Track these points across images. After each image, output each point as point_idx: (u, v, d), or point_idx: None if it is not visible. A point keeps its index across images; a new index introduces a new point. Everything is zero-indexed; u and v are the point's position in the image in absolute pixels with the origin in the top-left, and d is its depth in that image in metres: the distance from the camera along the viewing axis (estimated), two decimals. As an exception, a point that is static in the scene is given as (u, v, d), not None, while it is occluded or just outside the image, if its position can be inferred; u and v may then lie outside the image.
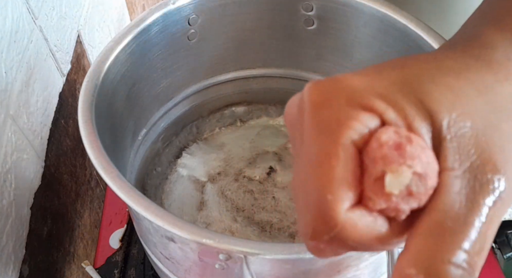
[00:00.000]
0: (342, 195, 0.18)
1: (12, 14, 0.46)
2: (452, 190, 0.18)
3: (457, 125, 0.18)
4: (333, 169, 0.18)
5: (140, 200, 0.33)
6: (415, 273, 0.17)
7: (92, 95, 0.40)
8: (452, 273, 0.17)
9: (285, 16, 0.55)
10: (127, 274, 0.56)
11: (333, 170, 0.18)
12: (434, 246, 0.17)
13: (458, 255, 0.17)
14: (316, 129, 0.19)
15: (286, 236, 0.55)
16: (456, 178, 0.18)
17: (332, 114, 0.19)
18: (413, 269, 0.17)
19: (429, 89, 0.19)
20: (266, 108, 0.66)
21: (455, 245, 0.17)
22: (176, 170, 0.62)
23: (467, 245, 0.17)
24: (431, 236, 0.17)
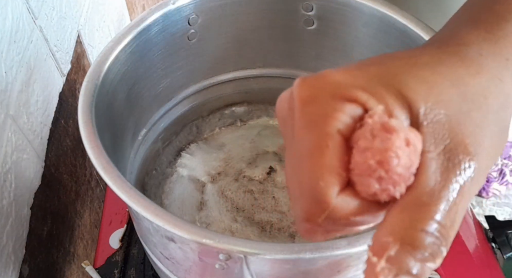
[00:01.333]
0: (332, 181, 0.20)
1: (12, 14, 0.46)
2: (429, 170, 0.20)
3: (432, 113, 0.20)
4: (323, 158, 0.20)
5: (140, 200, 0.33)
6: (392, 241, 0.19)
7: (92, 95, 0.40)
8: (425, 240, 0.19)
9: (285, 16, 0.55)
10: (127, 274, 0.56)
11: (323, 159, 0.20)
12: (409, 217, 0.19)
13: (431, 225, 0.19)
14: (305, 123, 0.21)
15: (286, 236, 0.55)
16: (431, 159, 0.20)
17: (319, 108, 0.21)
18: (390, 237, 0.19)
19: (406, 82, 0.21)
20: (266, 108, 0.66)
21: (428, 216, 0.19)
22: (176, 170, 0.62)
23: (439, 217, 0.19)
24: (407, 209, 0.19)
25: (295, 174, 0.21)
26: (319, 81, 0.21)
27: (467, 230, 0.59)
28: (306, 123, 0.21)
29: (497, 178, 1.29)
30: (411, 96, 0.20)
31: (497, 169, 1.30)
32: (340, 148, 0.20)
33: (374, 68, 0.22)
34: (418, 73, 0.21)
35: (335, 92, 0.21)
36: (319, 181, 0.20)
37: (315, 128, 0.20)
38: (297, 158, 0.21)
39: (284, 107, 0.23)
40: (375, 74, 0.21)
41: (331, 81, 0.21)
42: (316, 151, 0.20)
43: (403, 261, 0.19)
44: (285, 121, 0.23)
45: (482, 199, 1.29)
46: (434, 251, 0.19)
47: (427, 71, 0.21)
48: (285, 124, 0.23)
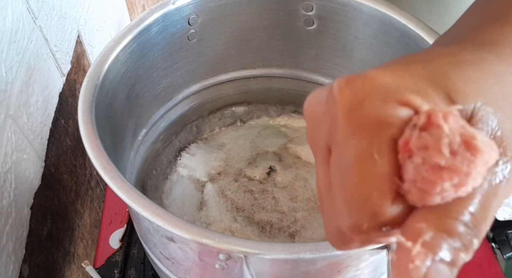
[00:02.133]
0: (387, 190, 0.19)
1: (12, 14, 0.46)
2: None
3: (481, 113, 0.20)
4: (377, 166, 0.19)
5: (140, 200, 0.33)
6: (425, 226, 0.18)
7: (92, 95, 0.40)
8: (459, 228, 0.18)
9: (285, 16, 0.55)
10: (127, 274, 0.56)
11: (377, 167, 0.19)
12: (444, 207, 0.19)
13: (465, 215, 0.19)
14: (354, 129, 0.20)
15: (286, 236, 0.55)
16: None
17: (369, 113, 0.19)
18: (423, 223, 0.18)
19: (455, 82, 0.20)
20: (266, 108, 0.66)
21: (462, 207, 0.19)
22: (176, 170, 0.62)
23: (473, 208, 0.19)
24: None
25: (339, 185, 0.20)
26: (365, 84, 0.20)
27: (467, 230, 0.59)
28: (355, 129, 0.19)
29: (497, 178, 1.29)
30: (461, 98, 0.20)
31: (497, 169, 1.30)
32: (394, 155, 0.19)
33: (421, 67, 0.21)
34: (464, 72, 0.21)
35: (386, 96, 0.19)
36: (373, 191, 0.19)
37: (367, 135, 0.19)
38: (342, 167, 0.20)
39: (316, 110, 0.22)
40: (422, 76, 0.20)
41: (379, 84, 0.20)
42: (368, 159, 0.19)
43: (438, 247, 0.18)
44: (318, 126, 0.22)
45: (482, 199, 1.29)
46: (467, 241, 0.19)
47: (473, 70, 0.21)
48: (317, 130, 0.22)
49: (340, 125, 0.20)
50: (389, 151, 0.19)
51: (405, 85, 0.20)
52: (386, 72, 0.20)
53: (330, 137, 0.21)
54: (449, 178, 0.18)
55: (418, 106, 0.19)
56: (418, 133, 0.18)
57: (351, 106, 0.20)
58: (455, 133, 0.18)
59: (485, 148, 0.18)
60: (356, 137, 0.19)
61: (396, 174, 0.19)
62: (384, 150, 0.19)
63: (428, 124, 0.18)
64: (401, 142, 0.19)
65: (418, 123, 0.18)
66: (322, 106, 0.22)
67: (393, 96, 0.19)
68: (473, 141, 0.18)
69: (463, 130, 0.18)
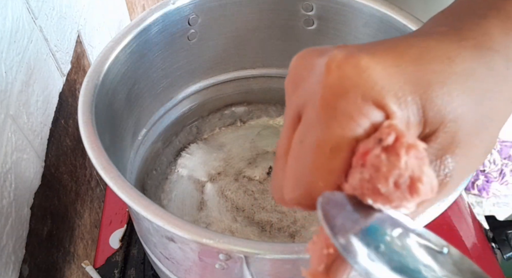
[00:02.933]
0: (331, 184, 0.20)
1: (12, 14, 0.46)
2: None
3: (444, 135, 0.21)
4: (332, 161, 0.20)
5: (140, 200, 0.33)
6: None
7: (92, 95, 0.40)
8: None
9: (285, 16, 0.55)
10: (127, 274, 0.56)
11: (332, 162, 0.20)
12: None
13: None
14: (327, 116, 0.20)
15: (286, 236, 0.55)
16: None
17: (346, 107, 0.20)
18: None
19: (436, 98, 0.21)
20: (266, 108, 0.66)
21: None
22: (176, 170, 0.62)
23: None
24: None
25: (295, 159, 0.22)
26: (355, 74, 0.20)
27: (467, 230, 0.59)
28: (328, 116, 0.20)
29: (497, 178, 1.29)
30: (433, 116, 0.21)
31: (497, 169, 1.30)
32: (350, 155, 0.20)
33: (412, 69, 0.21)
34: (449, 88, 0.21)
35: (368, 94, 0.20)
36: (319, 181, 0.20)
37: (335, 127, 0.20)
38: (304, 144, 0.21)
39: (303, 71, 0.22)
40: (410, 78, 0.20)
41: (367, 78, 0.20)
42: (327, 152, 0.20)
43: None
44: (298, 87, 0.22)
45: (482, 199, 1.29)
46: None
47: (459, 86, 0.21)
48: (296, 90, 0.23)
49: (317, 105, 0.21)
50: (347, 150, 0.20)
51: (389, 87, 0.20)
52: (378, 65, 0.20)
53: (303, 106, 0.22)
54: (382, 203, 0.20)
55: (391, 114, 0.20)
56: (379, 151, 0.19)
57: (333, 92, 0.20)
58: (408, 169, 0.19)
59: (425, 190, 0.19)
60: (326, 123, 0.20)
61: (345, 171, 0.20)
62: (345, 147, 0.20)
63: (391, 148, 0.19)
64: (362, 149, 0.20)
65: (384, 142, 0.19)
66: (310, 70, 0.22)
67: (374, 96, 0.20)
68: (417, 183, 0.19)
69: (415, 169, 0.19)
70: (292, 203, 0.22)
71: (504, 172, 1.29)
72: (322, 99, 0.20)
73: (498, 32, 0.24)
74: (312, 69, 0.22)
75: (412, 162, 0.19)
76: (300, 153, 0.21)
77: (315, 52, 0.22)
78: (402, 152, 0.19)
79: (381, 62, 0.20)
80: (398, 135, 0.19)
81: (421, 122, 0.21)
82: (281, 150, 0.23)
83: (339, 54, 0.21)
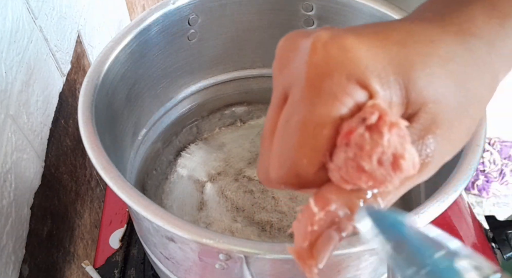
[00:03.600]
0: (315, 162, 0.21)
1: (12, 14, 0.46)
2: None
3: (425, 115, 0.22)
4: (316, 139, 0.20)
5: (140, 200, 0.33)
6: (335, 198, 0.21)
7: (92, 95, 0.40)
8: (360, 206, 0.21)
9: (285, 16, 0.55)
10: (127, 274, 0.56)
11: (316, 140, 0.20)
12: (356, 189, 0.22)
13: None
14: (311, 95, 0.21)
15: (286, 236, 0.55)
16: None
17: (330, 86, 0.20)
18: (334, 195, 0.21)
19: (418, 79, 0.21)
20: (266, 108, 0.66)
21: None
22: (176, 170, 0.62)
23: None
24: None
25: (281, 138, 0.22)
26: (340, 54, 0.20)
27: (467, 230, 0.59)
28: (313, 95, 0.20)
29: (497, 178, 1.29)
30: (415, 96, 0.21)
31: (497, 169, 1.30)
32: (334, 133, 0.20)
33: (395, 50, 0.21)
34: (431, 69, 0.21)
35: (352, 73, 0.20)
36: (303, 158, 0.21)
37: (320, 106, 0.20)
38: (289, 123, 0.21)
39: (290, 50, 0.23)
40: (394, 59, 0.21)
41: (352, 58, 0.20)
42: (311, 130, 0.20)
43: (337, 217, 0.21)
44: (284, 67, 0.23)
45: (482, 199, 1.29)
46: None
47: (440, 69, 0.22)
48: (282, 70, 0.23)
49: (302, 84, 0.21)
50: (331, 128, 0.20)
51: (373, 67, 0.20)
52: (363, 45, 0.21)
53: (289, 86, 0.22)
54: (366, 181, 0.20)
55: (374, 94, 0.20)
56: (363, 130, 0.20)
57: (318, 72, 0.20)
58: (390, 147, 0.20)
59: (407, 166, 0.20)
60: (311, 102, 0.20)
61: (329, 149, 0.21)
62: (329, 125, 0.20)
63: (375, 126, 0.20)
64: (345, 129, 0.20)
65: (367, 120, 0.20)
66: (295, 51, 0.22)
67: (358, 76, 0.20)
68: (400, 160, 0.20)
69: (398, 147, 0.20)
70: (277, 182, 0.22)
71: (504, 172, 1.29)
72: (307, 79, 0.21)
73: (482, 19, 0.24)
74: (297, 50, 0.22)
75: (395, 139, 0.20)
76: (286, 132, 0.22)
77: (300, 34, 0.23)
78: (385, 130, 0.20)
79: (365, 43, 0.21)
80: (381, 114, 0.20)
81: (404, 103, 0.21)
82: (267, 130, 0.24)
83: (324, 34, 0.21)
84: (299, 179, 0.21)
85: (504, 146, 1.33)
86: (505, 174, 1.29)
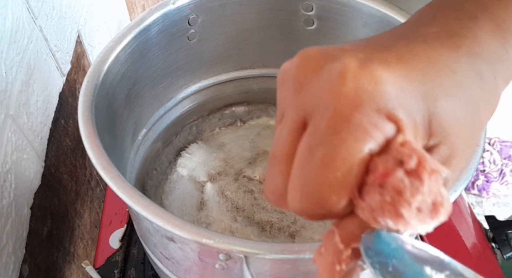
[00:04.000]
0: (345, 199, 0.20)
1: (12, 14, 0.46)
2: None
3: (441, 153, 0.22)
4: (346, 176, 0.20)
5: (140, 200, 0.33)
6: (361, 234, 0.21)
7: (92, 95, 0.40)
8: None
9: (285, 16, 0.55)
10: (127, 274, 0.56)
11: (346, 177, 0.20)
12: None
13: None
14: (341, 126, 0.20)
15: (286, 236, 0.55)
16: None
17: (361, 119, 0.20)
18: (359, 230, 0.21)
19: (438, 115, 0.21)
20: (266, 108, 0.66)
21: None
22: (176, 170, 0.62)
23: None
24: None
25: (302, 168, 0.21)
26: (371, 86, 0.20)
27: (467, 230, 0.59)
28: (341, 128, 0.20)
29: (497, 178, 1.29)
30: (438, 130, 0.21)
31: (497, 169, 1.30)
32: (364, 169, 0.20)
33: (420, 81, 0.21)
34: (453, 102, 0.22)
35: (382, 107, 0.20)
36: (332, 195, 0.20)
37: (349, 140, 0.20)
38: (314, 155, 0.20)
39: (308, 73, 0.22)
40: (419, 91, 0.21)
41: (383, 91, 0.20)
42: (341, 165, 0.20)
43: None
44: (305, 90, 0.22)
45: (482, 199, 1.29)
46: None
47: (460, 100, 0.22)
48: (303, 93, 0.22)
49: (329, 115, 0.20)
50: (362, 164, 0.20)
51: (402, 101, 0.20)
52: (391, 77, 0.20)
53: (311, 113, 0.21)
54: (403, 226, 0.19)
55: (402, 128, 0.20)
56: (402, 175, 0.19)
57: (348, 104, 0.20)
58: (430, 194, 0.19)
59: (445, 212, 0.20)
60: (339, 136, 0.20)
61: (358, 185, 0.20)
62: (359, 161, 0.19)
63: (414, 172, 0.19)
64: (381, 169, 0.19)
65: (407, 165, 0.19)
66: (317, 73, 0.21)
67: (388, 110, 0.20)
68: (440, 208, 0.19)
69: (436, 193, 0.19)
70: (297, 212, 0.22)
71: (504, 172, 1.30)
72: (335, 111, 0.20)
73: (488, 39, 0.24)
74: (320, 73, 0.21)
75: (434, 185, 0.19)
76: (310, 164, 0.21)
77: (323, 55, 0.22)
78: (426, 177, 0.19)
79: (393, 74, 0.20)
80: (420, 159, 0.19)
81: (426, 136, 0.21)
82: (280, 152, 0.23)
83: (352, 63, 0.20)
84: (323, 212, 0.21)
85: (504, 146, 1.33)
86: (505, 174, 1.29)
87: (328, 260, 0.20)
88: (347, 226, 0.21)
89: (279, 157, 0.23)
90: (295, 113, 0.22)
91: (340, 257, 0.20)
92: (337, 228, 0.21)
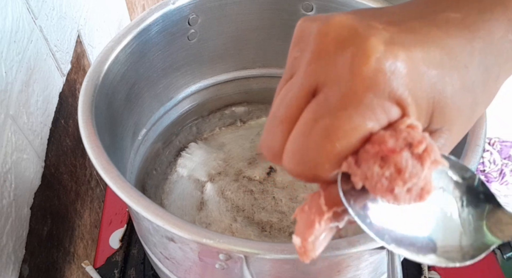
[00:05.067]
0: (337, 167, 0.21)
1: (12, 14, 0.46)
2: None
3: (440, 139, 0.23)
4: (344, 147, 0.21)
5: (140, 200, 0.33)
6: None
7: (92, 95, 0.40)
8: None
9: (285, 16, 0.55)
10: (127, 274, 0.56)
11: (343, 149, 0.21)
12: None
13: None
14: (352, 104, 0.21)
15: (286, 236, 0.55)
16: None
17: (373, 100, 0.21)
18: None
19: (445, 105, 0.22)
20: (266, 108, 0.66)
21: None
22: (176, 170, 0.62)
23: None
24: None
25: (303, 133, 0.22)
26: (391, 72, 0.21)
27: (467, 230, 0.59)
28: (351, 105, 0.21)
29: (497, 178, 1.30)
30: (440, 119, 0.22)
31: (497, 169, 1.30)
32: (362, 143, 0.21)
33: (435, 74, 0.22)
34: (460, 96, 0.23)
35: (395, 93, 0.21)
36: (326, 163, 0.21)
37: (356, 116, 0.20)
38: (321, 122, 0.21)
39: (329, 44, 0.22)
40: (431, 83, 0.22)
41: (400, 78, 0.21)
42: (341, 137, 0.21)
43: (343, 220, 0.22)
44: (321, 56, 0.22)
45: (482, 199, 1.29)
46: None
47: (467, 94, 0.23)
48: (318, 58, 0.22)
49: (343, 91, 0.21)
50: (361, 139, 0.21)
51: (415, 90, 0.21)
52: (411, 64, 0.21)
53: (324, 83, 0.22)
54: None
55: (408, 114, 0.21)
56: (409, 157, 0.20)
57: (365, 84, 0.20)
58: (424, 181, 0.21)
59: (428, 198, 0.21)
60: (348, 111, 0.21)
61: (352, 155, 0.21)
62: (360, 137, 0.21)
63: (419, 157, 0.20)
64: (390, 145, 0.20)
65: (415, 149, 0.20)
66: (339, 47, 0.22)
67: (399, 97, 0.21)
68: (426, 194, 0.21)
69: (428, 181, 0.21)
70: (289, 171, 0.23)
71: (504, 172, 1.30)
72: (351, 89, 0.21)
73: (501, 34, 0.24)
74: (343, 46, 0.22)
75: (429, 174, 0.21)
76: (312, 131, 0.21)
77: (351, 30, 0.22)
78: (427, 165, 0.20)
79: (412, 60, 0.21)
80: (427, 148, 0.20)
81: (427, 122, 0.22)
82: (284, 114, 0.23)
83: (378, 46, 0.21)
84: (314, 176, 0.22)
85: (504, 146, 1.33)
86: (505, 174, 1.29)
87: (310, 218, 0.22)
88: (333, 191, 0.22)
89: (282, 117, 0.23)
90: (307, 79, 0.22)
91: (322, 218, 0.22)
92: (324, 191, 0.22)
